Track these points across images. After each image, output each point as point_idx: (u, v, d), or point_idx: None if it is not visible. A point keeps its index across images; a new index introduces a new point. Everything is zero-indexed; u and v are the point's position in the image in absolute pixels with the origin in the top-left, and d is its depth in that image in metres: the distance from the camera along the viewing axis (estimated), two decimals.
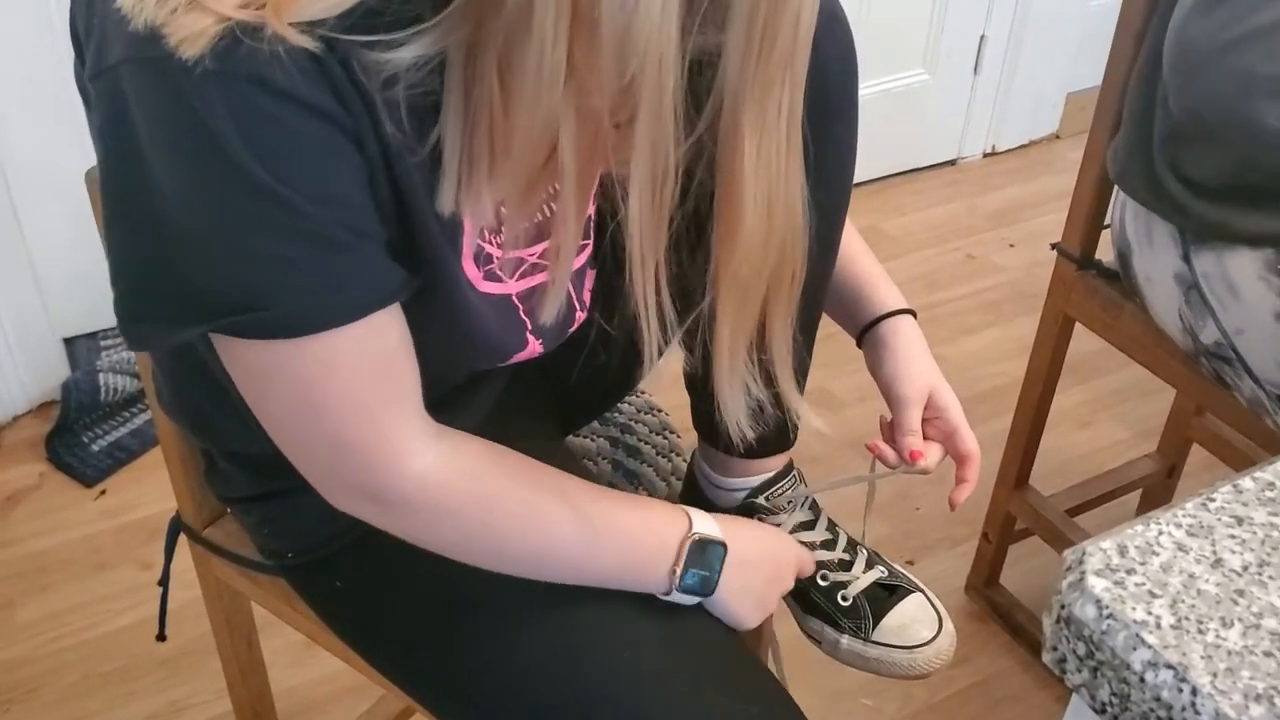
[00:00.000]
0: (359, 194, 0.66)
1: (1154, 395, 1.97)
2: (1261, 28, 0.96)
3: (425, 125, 0.66)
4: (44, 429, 1.84)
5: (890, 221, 2.53)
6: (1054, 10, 2.59)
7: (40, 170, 1.73)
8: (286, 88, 0.60)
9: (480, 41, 0.62)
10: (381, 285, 0.69)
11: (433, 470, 0.74)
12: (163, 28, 0.59)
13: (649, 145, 0.63)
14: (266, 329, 0.66)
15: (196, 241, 0.64)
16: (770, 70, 0.63)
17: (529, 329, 0.80)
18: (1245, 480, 0.51)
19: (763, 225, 0.70)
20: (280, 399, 0.71)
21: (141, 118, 0.62)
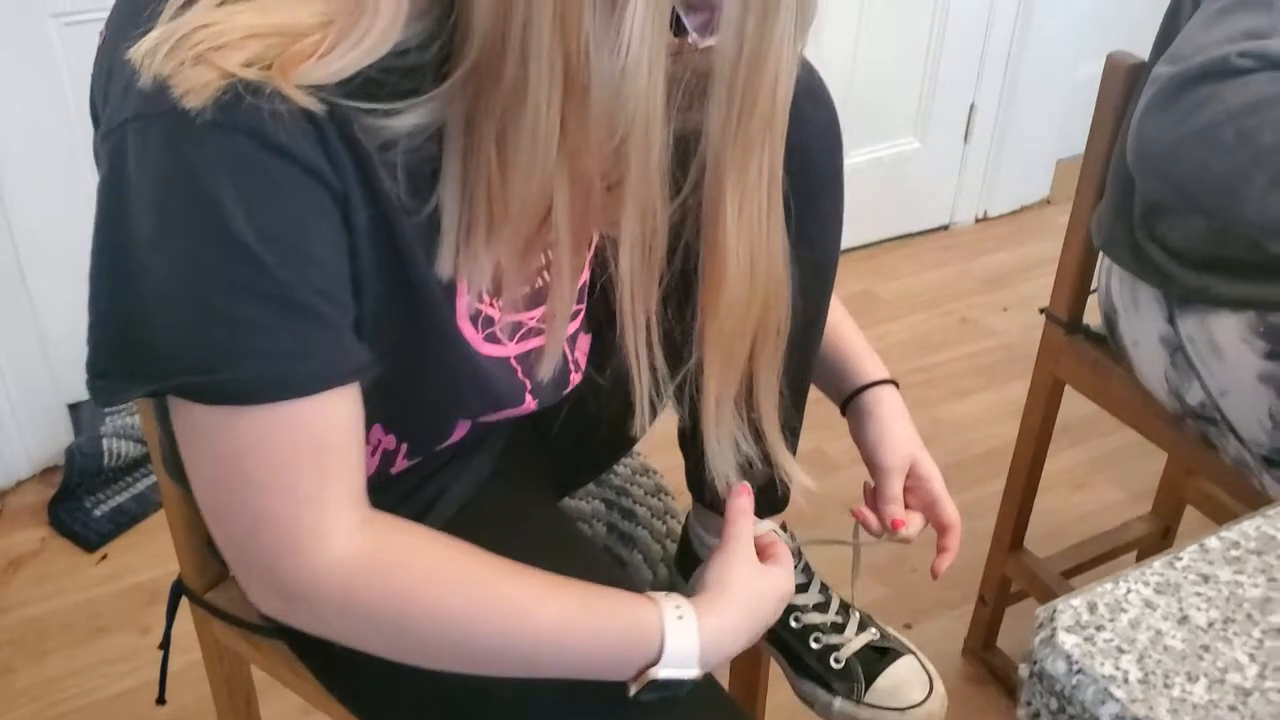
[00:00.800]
0: (336, 261, 0.67)
1: (1149, 457, 1.98)
2: (1207, 123, 0.99)
3: (423, 189, 0.69)
4: (47, 494, 1.86)
5: (885, 286, 2.57)
6: (1042, 79, 2.65)
7: (48, 235, 1.76)
8: (281, 143, 0.63)
9: (478, 111, 0.65)
10: (343, 360, 0.68)
11: (347, 560, 0.70)
12: (169, 79, 0.61)
13: (638, 206, 0.66)
14: (216, 393, 0.66)
15: (164, 297, 0.65)
16: (750, 134, 0.66)
17: (528, 389, 0.82)
18: (1211, 540, 0.53)
19: (746, 281, 0.72)
20: (209, 465, 0.69)
21: (136, 169, 0.64)
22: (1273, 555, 0.52)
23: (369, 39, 0.63)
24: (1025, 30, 2.57)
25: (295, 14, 0.63)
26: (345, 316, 0.69)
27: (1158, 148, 1.04)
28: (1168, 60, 1.05)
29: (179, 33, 0.61)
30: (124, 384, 0.68)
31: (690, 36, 0.65)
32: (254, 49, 0.62)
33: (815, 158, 0.86)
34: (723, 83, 0.64)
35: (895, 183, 2.63)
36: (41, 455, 1.90)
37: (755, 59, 0.63)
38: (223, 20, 0.62)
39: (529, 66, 0.62)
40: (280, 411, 0.66)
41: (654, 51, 0.62)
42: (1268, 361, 1.14)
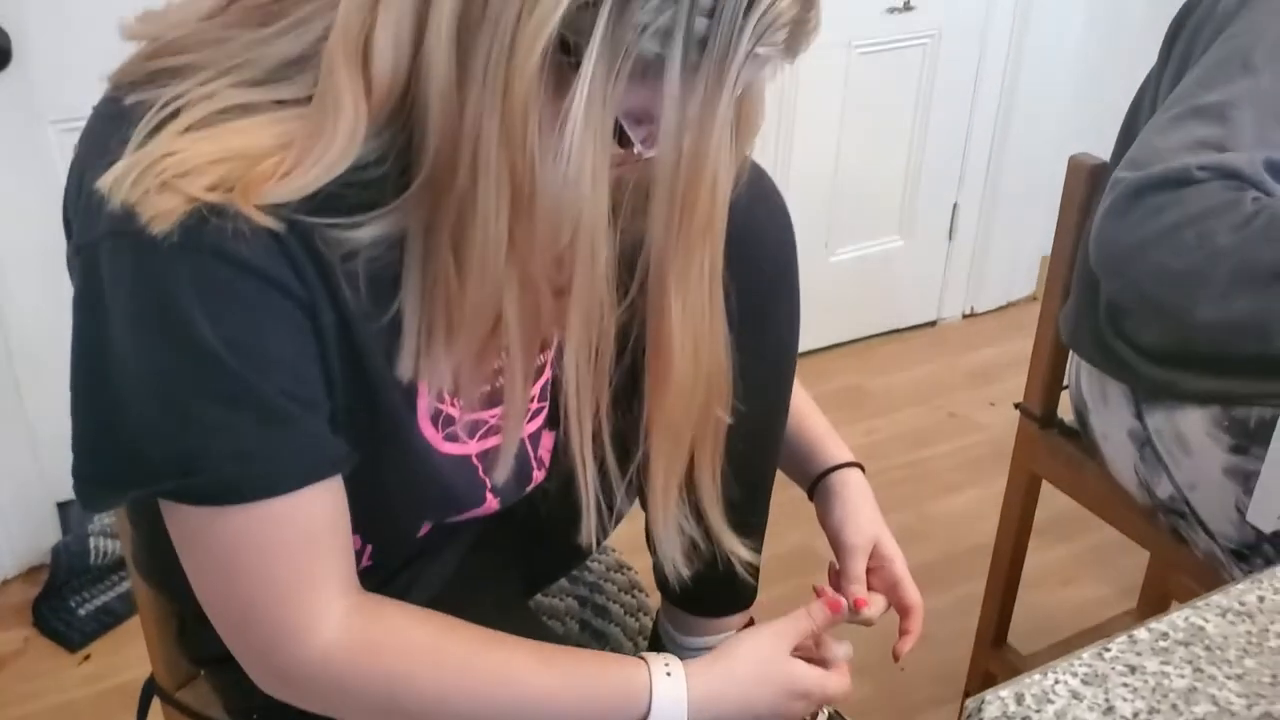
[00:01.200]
0: (307, 366, 0.70)
1: (1135, 551, 1.97)
2: (1168, 226, 1.03)
3: (384, 296, 0.72)
4: (32, 593, 1.86)
5: (873, 381, 2.59)
6: (1023, 179, 2.70)
7: (42, 338, 1.79)
8: (244, 259, 0.66)
9: (434, 220, 0.68)
10: (318, 458, 0.72)
11: (336, 648, 0.74)
12: (136, 206, 0.64)
13: (583, 311, 0.69)
14: (195, 494, 0.70)
15: (142, 406, 0.68)
16: (691, 234, 0.69)
17: (488, 488, 0.84)
18: (1140, 631, 0.54)
19: (691, 372, 0.75)
20: (200, 562, 0.73)
21: (110, 288, 0.67)
22: (1200, 646, 0.53)
23: (328, 157, 0.66)
24: (1005, 131, 2.63)
25: (256, 137, 0.66)
26: (318, 415, 0.72)
27: (1119, 249, 1.07)
28: (1127, 165, 1.08)
29: (144, 162, 0.65)
30: (108, 489, 0.72)
31: (635, 148, 0.68)
32: (217, 173, 0.65)
33: (769, 265, 0.89)
34: (663, 187, 0.67)
35: (881, 280, 2.66)
36: (28, 554, 1.90)
37: (693, 167, 0.66)
38: (186, 148, 0.65)
39: (478, 177, 0.65)
40: (260, 510, 0.70)
41: (597, 162, 0.64)
42: (1233, 455, 1.16)
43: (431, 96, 0.65)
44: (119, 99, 0.70)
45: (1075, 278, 1.32)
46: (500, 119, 0.63)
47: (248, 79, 0.68)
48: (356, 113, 0.65)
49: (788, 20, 0.64)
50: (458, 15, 0.63)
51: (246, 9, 0.71)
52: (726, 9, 0.61)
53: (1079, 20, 2.60)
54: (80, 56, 1.65)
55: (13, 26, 1.61)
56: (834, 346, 2.66)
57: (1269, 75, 1.03)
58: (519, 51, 0.62)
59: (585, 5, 0.61)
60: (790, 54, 0.67)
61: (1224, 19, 1.10)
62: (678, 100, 0.63)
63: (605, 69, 0.62)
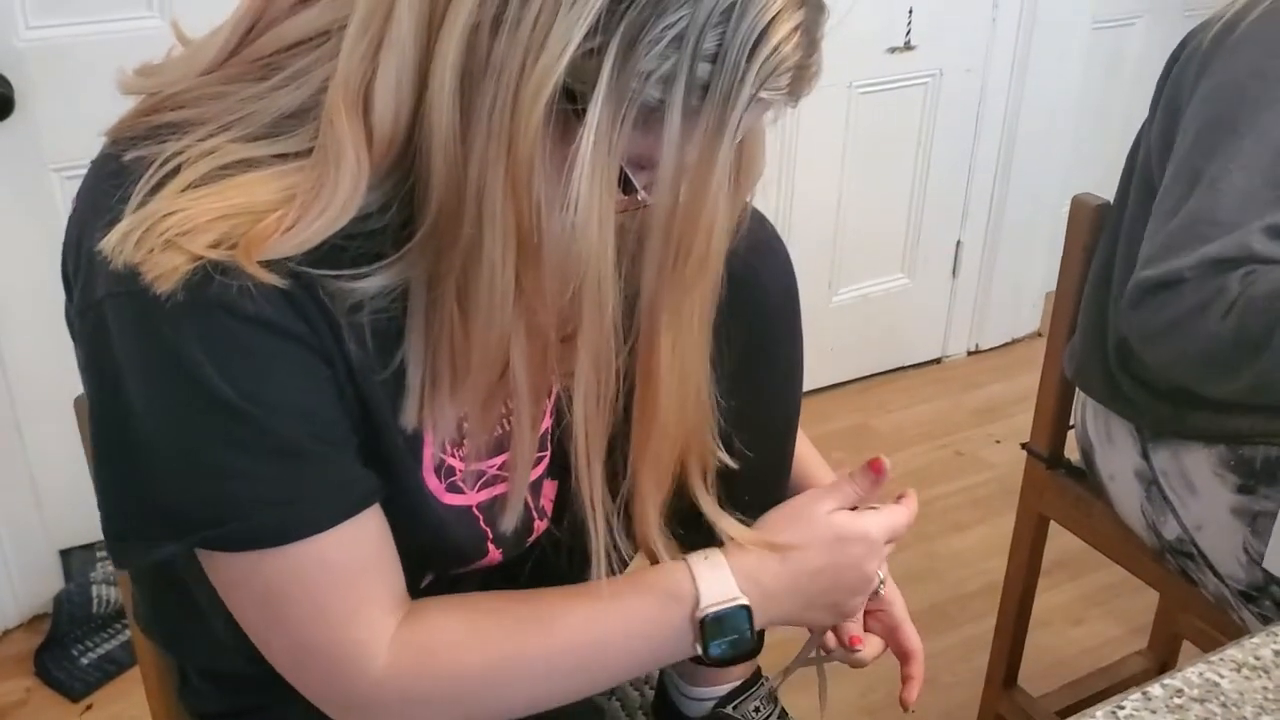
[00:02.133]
0: (328, 407, 0.70)
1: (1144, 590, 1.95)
2: (1169, 322, 1.07)
3: (389, 346, 0.71)
4: (34, 642, 1.84)
5: (879, 419, 2.58)
6: (1026, 216, 2.71)
7: (45, 386, 1.78)
8: (251, 312, 0.65)
9: (439, 270, 0.68)
10: (349, 493, 0.72)
11: (390, 666, 0.74)
12: (139, 266, 0.64)
13: (591, 357, 0.68)
14: (231, 542, 0.69)
15: (167, 461, 0.68)
16: (686, 277, 0.68)
17: (489, 538, 0.83)
18: (1154, 687, 0.53)
19: (677, 411, 0.75)
20: (249, 608, 0.73)
21: (120, 347, 0.67)
22: (1215, 703, 0.52)
23: (331, 209, 0.66)
24: (1007, 168, 2.64)
25: (258, 192, 0.66)
26: (345, 451, 0.72)
27: (1137, 339, 1.13)
28: (1144, 263, 1.10)
29: (147, 221, 0.64)
30: (144, 545, 0.72)
31: (639, 194, 0.68)
32: (220, 230, 0.65)
33: (771, 312, 0.88)
34: (659, 228, 0.66)
35: (886, 318, 2.66)
36: (30, 603, 1.89)
37: (690, 210, 0.65)
38: (188, 206, 0.65)
39: (483, 227, 0.65)
40: (299, 550, 0.70)
41: (603, 210, 0.64)
42: (1240, 495, 1.15)
43: (434, 146, 0.64)
44: (118, 155, 0.70)
45: (1081, 315, 1.32)
46: (505, 168, 0.63)
47: (248, 134, 0.68)
48: (359, 163, 0.65)
49: (791, 65, 0.64)
50: (460, 64, 0.63)
51: (245, 63, 0.71)
52: (730, 55, 0.61)
53: (1079, 57, 2.62)
54: (83, 105, 1.66)
55: (16, 75, 1.62)
56: (839, 385, 2.65)
57: (1250, 139, 1.05)
58: (523, 101, 0.61)
59: (589, 53, 0.61)
60: (792, 99, 0.67)
61: (1205, 58, 1.12)
62: (677, 145, 0.63)
63: (610, 116, 0.62)
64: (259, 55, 0.71)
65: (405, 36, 0.64)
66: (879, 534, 0.83)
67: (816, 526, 0.82)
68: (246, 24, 0.72)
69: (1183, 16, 2.74)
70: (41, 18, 1.62)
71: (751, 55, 0.61)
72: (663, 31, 0.60)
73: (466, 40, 0.62)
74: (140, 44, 1.66)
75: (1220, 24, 1.11)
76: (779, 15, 0.62)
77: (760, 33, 0.61)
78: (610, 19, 0.60)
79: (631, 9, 0.60)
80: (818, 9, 0.65)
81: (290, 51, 0.70)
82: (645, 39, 0.60)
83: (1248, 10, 1.09)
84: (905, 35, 2.38)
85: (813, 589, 0.82)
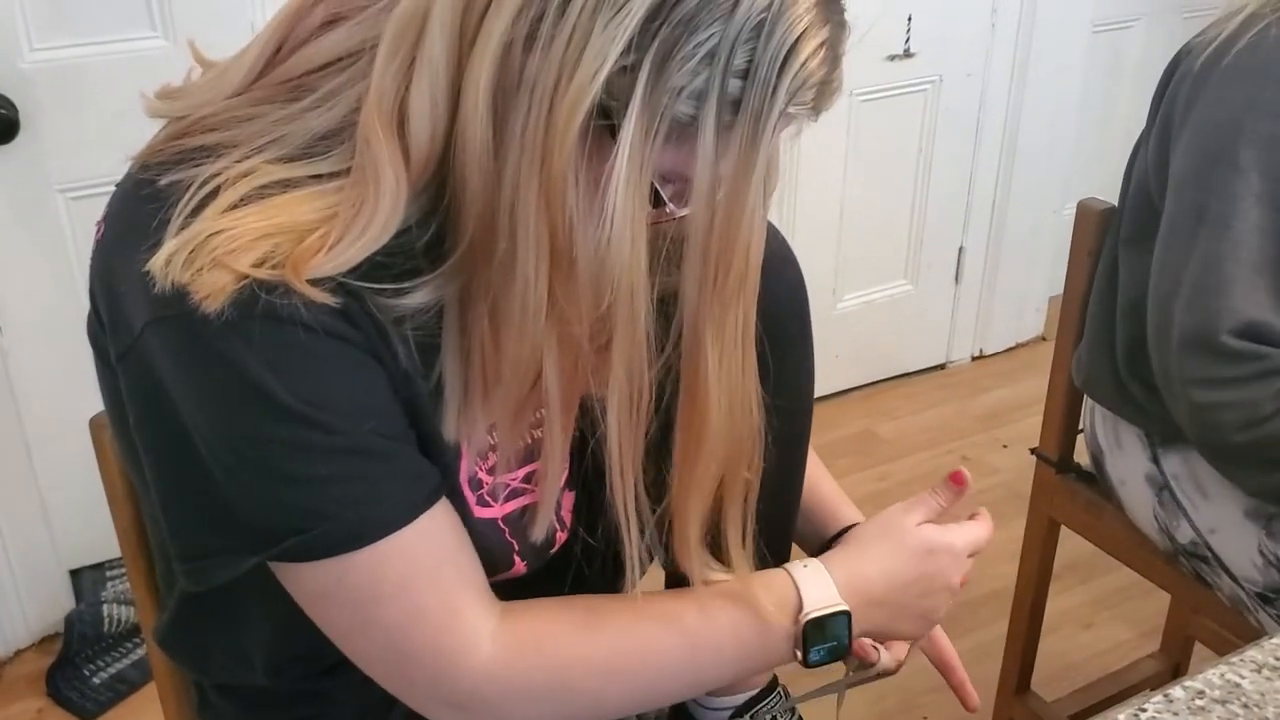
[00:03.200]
0: (389, 403, 0.71)
1: (1155, 593, 1.95)
2: (1214, 404, 1.09)
3: (429, 360, 0.72)
4: (45, 662, 1.84)
5: (884, 426, 2.58)
6: (1028, 221, 2.71)
7: (53, 406, 1.79)
8: (303, 320, 0.66)
9: (474, 286, 0.69)
10: (424, 484, 0.72)
11: (496, 660, 0.74)
12: (188, 286, 0.65)
13: (625, 367, 0.69)
14: (318, 548, 0.70)
15: (239, 477, 0.68)
16: (726, 293, 0.69)
17: (515, 550, 0.83)
18: (1176, 689, 0.54)
19: (724, 430, 0.75)
20: (341, 616, 0.73)
21: (169, 371, 0.67)
22: (1237, 704, 0.53)
23: (373, 228, 0.66)
24: (1009, 174, 2.65)
25: (299, 212, 0.67)
26: (409, 445, 0.72)
27: (1162, 384, 1.14)
28: (1160, 296, 1.12)
29: (193, 242, 0.65)
30: (228, 559, 0.72)
31: (668, 206, 0.68)
32: (263, 248, 0.65)
33: (785, 319, 0.89)
34: (697, 247, 0.67)
35: (890, 325, 2.66)
36: (41, 624, 1.89)
37: (728, 225, 0.66)
38: (233, 226, 0.65)
39: (517, 241, 0.65)
40: (387, 547, 0.70)
41: (636, 224, 0.65)
42: (1253, 498, 1.15)
43: (468, 162, 0.65)
44: (153, 180, 0.70)
45: (1089, 321, 1.32)
46: (539, 183, 0.63)
47: (284, 155, 0.68)
48: (397, 182, 0.66)
49: (817, 80, 0.65)
50: (493, 82, 0.63)
51: (274, 85, 0.71)
52: (760, 71, 0.62)
53: (1079, 60, 2.62)
54: (88, 126, 1.67)
55: (21, 97, 1.62)
56: (844, 393, 2.65)
57: (1256, 174, 1.06)
58: (558, 118, 0.62)
59: (623, 70, 0.61)
60: (815, 113, 0.67)
61: (1196, 86, 1.12)
62: (711, 161, 0.64)
63: (642, 132, 0.62)
64: (288, 77, 0.71)
65: (438, 55, 0.64)
66: (964, 546, 0.86)
67: (908, 538, 0.85)
68: (273, 46, 0.72)
69: (1182, 18, 2.74)
70: (46, 39, 1.63)
71: (782, 71, 0.62)
72: (695, 48, 0.61)
73: (500, 58, 0.63)
74: (144, 64, 1.69)
75: (1210, 50, 1.10)
76: (806, 32, 0.63)
77: (789, 49, 0.62)
78: (644, 36, 0.61)
79: (665, 26, 0.60)
80: (840, 26, 0.66)
81: (320, 73, 0.71)
82: (678, 55, 0.61)
83: (1237, 37, 1.09)
84: (905, 42, 2.39)
85: (905, 599, 0.84)
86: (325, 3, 0.73)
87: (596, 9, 0.60)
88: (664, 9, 0.60)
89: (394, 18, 0.67)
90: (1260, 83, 1.06)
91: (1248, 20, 1.08)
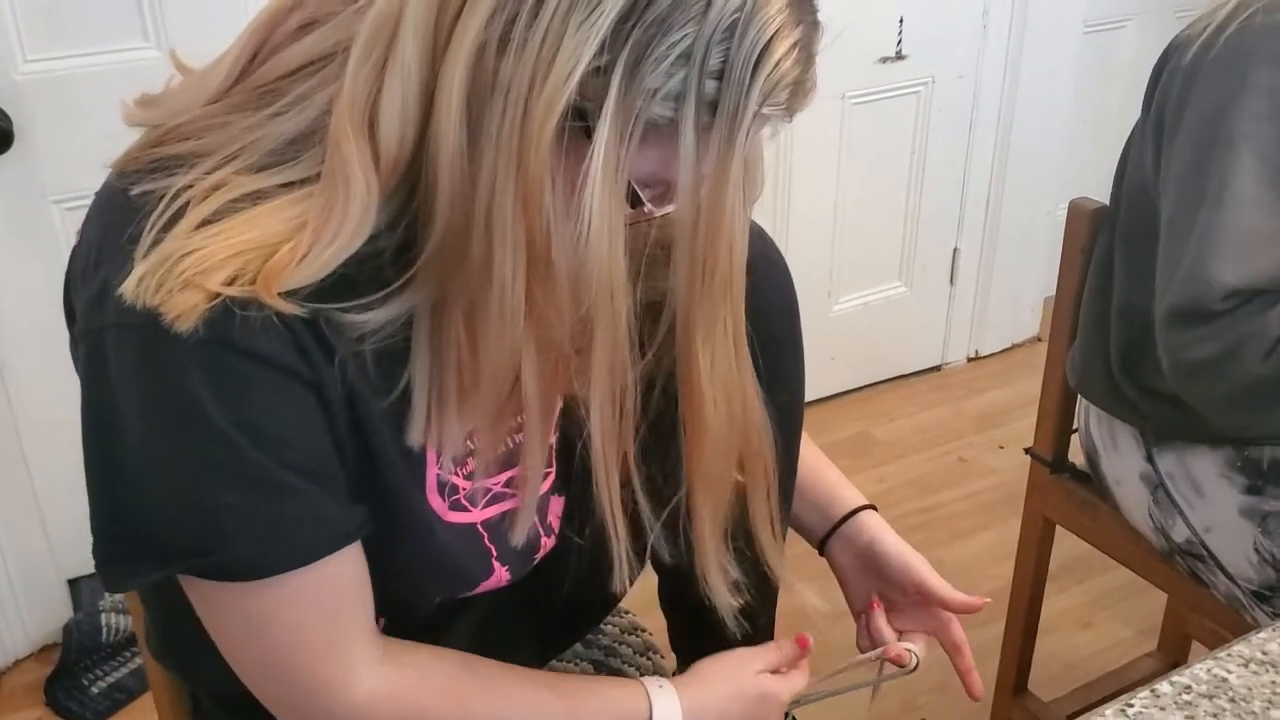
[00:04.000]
0: (316, 439, 0.71)
1: (1152, 592, 1.95)
2: (1211, 358, 1.08)
3: (394, 369, 0.72)
4: (44, 672, 1.84)
5: (880, 427, 2.58)
6: (1022, 222, 2.71)
7: (50, 416, 1.78)
8: (249, 346, 0.66)
9: (447, 290, 0.68)
10: (332, 530, 0.73)
11: (377, 696, 0.76)
12: (159, 307, 0.65)
13: (606, 367, 0.69)
14: (216, 571, 0.71)
15: (155, 487, 0.69)
16: (714, 293, 0.69)
17: (494, 556, 0.84)
18: (1163, 684, 0.54)
19: (725, 425, 0.75)
20: (233, 635, 0.75)
21: (118, 373, 0.68)
22: (1224, 699, 0.53)
23: (343, 234, 0.66)
24: (1002, 174, 2.65)
25: (269, 225, 0.67)
26: (331, 486, 0.72)
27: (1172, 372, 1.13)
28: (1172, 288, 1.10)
29: (165, 264, 0.65)
30: (131, 568, 0.73)
31: (645, 206, 0.69)
32: (234, 266, 0.65)
33: (774, 320, 0.89)
34: (683, 249, 0.67)
35: (885, 326, 2.67)
36: (40, 633, 1.89)
37: (711, 226, 0.66)
38: (205, 245, 0.65)
39: (494, 244, 0.65)
40: (283, 582, 0.71)
41: (613, 224, 0.65)
42: (1248, 496, 1.15)
43: (441, 165, 0.65)
44: (124, 189, 0.70)
45: (1082, 321, 1.32)
46: (515, 185, 0.63)
47: (253, 164, 0.68)
48: (368, 185, 0.66)
49: (790, 81, 0.65)
50: (467, 85, 0.63)
51: (248, 92, 0.71)
52: (734, 71, 0.62)
53: (1070, 60, 2.63)
54: (82, 136, 1.67)
55: (15, 108, 1.63)
56: (840, 395, 2.66)
57: (1248, 151, 1.06)
58: (533, 120, 0.62)
59: (596, 71, 0.61)
60: (789, 114, 0.68)
61: (1188, 79, 1.12)
62: (692, 162, 0.64)
63: (618, 133, 0.62)
64: (262, 82, 0.71)
65: (410, 57, 0.65)
66: (788, 697, 0.92)
67: (747, 684, 0.90)
68: (250, 52, 0.72)
69: (1174, 17, 2.75)
70: (39, 50, 1.63)
71: (755, 72, 0.62)
72: (668, 49, 0.61)
73: (473, 61, 0.63)
74: (138, 74, 1.69)
75: (1199, 43, 1.11)
76: (779, 33, 0.63)
77: (762, 49, 0.62)
78: (616, 38, 0.61)
79: (638, 28, 0.61)
80: (813, 26, 0.66)
81: (292, 77, 0.71)
82: (651, 57, 0.61)
83: (1224, 27, 1.09)
84: (897, 45, 2.39)
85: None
86: (301, 9, 0.73)
87: (569, 11, 0.61)
88: (636, 10, 0.60)
89: (367, 20, 0.67)
90: (1248, 64, 1.07)
91: (1234, 10, 1.09)
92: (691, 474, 0.77)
